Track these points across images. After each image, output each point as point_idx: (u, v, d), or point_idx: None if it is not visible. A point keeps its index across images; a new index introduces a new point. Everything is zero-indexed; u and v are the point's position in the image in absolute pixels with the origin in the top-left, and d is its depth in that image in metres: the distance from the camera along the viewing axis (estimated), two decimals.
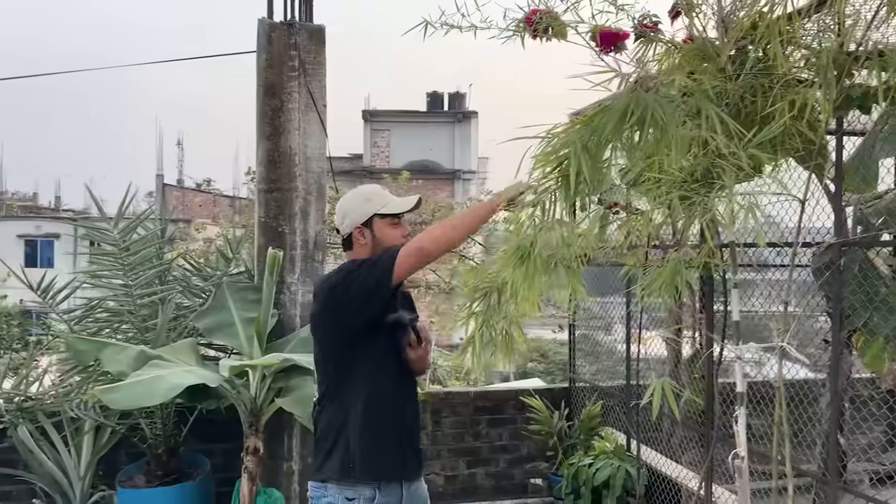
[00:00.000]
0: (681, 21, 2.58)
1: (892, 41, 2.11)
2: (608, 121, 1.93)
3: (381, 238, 2.19)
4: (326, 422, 2.17)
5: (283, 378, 3.45)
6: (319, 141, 3.90)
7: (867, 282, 2.60)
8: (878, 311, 2.53)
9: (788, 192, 2.47)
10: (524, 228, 2.06)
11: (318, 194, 3.90)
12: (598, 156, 1.97)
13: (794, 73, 2.49)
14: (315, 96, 3.86)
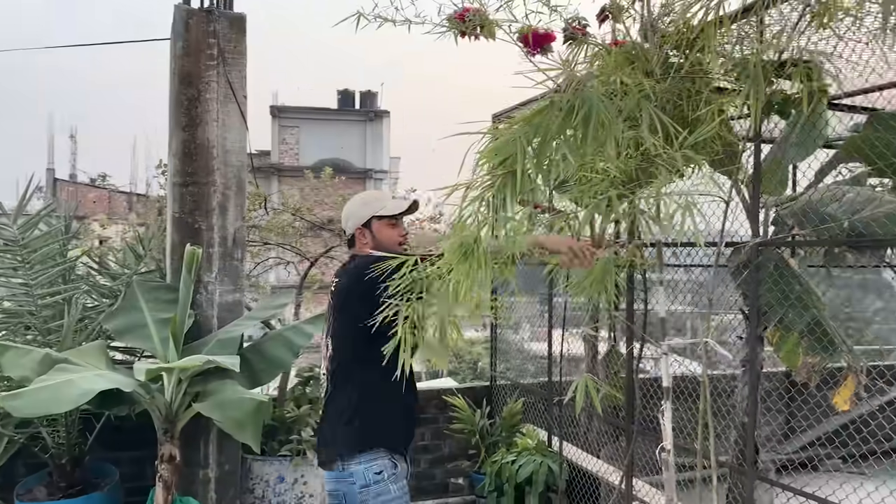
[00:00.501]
0: (608, 24, 2.64)
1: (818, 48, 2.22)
2: (553, 118, 1.93)
3: (380, 237, 2.44)
4: (345, 399, 2.32)
5: (201, 381, 3.30)
6: (239, 133, 3.75)
7: (783, 280, 2.73)
8: (794, 307, 2.66)
9: (716, 195, 2.56)
10: (467, 224, 2.03)
11: (237, 189, 3.74)
12: (543, 153, 1.97)
13: (717, 80, 2.60)
14: (235, 87, 3.70)
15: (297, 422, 4.18)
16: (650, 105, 2.02)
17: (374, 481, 2.26)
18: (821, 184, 3.25)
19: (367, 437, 2.28)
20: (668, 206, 2.28)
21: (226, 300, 3.71)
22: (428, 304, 2.27)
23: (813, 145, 3.27)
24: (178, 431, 3.25)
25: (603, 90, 2.01)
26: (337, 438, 2.32)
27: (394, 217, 2.45)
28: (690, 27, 2.40)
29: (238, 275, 3.75)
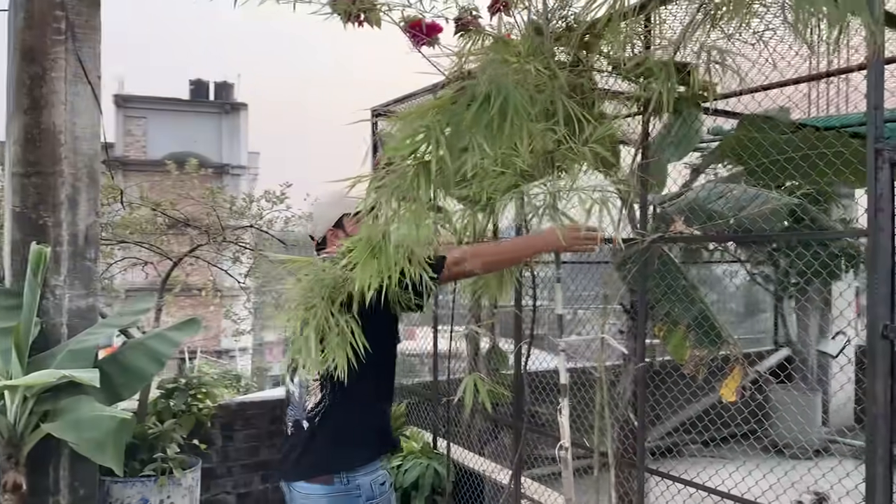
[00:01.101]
0: (499, 16, 2.58)
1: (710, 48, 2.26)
2: (466, 106, 1.82)
3: (353, 235, 2.29)
4: (342, 413, 2.22)
5: (51, 399, 2.90)
6: (91, 118, 3.34)
7: (670, 275, 2.79)
8: (681, 301, 2.72)
9: (613, 192, 2.57)
10: (374, 221, 1.88)
11: (89, 180, 3.33)
12: (456, 143, 1.85)
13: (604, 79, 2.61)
14: (87, 66, 3.29)
15: (160, 438, 3.82)
16: (564, 98, 1.97)
17: (380, 493, 2.23)
18: (697, 182, 3.38)
19: (370, 448, 2.25)
20: (570, 202, 2.26)
21: (77, 306, 3.29)
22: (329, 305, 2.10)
23: (689, 146, 3.40)
24: (23, 456, 2.84)
25: (513, 79, 1.93)
26: (338, 451, 2.21)
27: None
28: (582, 24, 2.38)
29: (91, 277, 3.34)
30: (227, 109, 25.76)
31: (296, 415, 2.33)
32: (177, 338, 3.25)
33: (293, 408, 2.36)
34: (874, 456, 2.04)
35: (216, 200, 4.82)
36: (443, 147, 1.77)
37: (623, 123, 3.10)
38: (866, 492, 2.06)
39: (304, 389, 2.36)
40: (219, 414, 4.37)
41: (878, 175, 2.03)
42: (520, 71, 1.94)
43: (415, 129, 1.79)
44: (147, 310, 3.37)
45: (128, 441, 3.01)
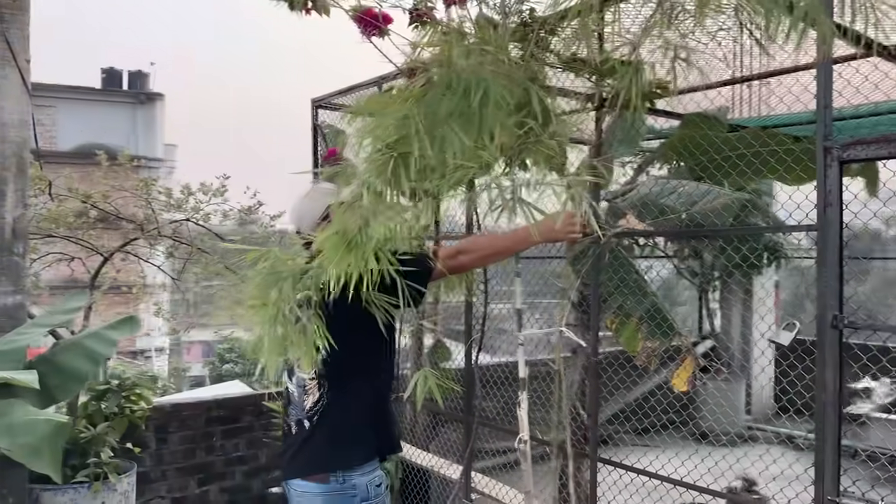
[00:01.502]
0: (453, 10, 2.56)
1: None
2: (444, 97, 1.80)
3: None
4: (338, 412, 2.19)
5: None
6: (20, 104, 3.14)
7: (623, 269, 2.85)
8: (634, 294, 2.79)
9: (573, 186, 2.60)
10: (347, 213, 1.83)
11: (17, 170, 3.13)
12: (432, 135, 1.82)
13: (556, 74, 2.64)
14: (15, 48, 3.09)
15: (93, 442, 3.63)
16: (537, 90, 1.97)
17: (375, 494, 2.19)
18: (640, 179, 3.47)
19: (368, 447, 2.22)
20: (539, 195, 2.27)
21: (3, 304, 3.09)
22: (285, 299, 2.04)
23: (634, 143, 3.49)
24: None
25: (489, 70, 1.92)
26: (335, 450, 2.18)
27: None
28: (537, 19, 2.40)
29: (19, 273, 3.15)
30: (143, 100, 24.77)
31: (297, 414, 2.30)
32: (114, 337, 3.10)
33: (294, 407, 2.32)
34: (823, 443, 2.14)
35: (150, 193, 4.61)
36: (423, 138, 1.74)
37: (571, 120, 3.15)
38: (815, 476, 2.16)
39: (302, 389, 2.31)
40: (152, 416, 4.19)
41: (828, 172, 2.13)
42: (495, 62, 1.93)
43: (394, 119, 1.76)
44: (80, 308, 3.19)
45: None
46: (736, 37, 2.51)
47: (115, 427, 3.82)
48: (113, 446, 3.68)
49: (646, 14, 2.95)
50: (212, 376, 23.63)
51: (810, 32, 1.98)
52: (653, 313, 2.71)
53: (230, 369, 22.87)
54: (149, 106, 24.80)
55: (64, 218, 4.38)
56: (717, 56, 2.60)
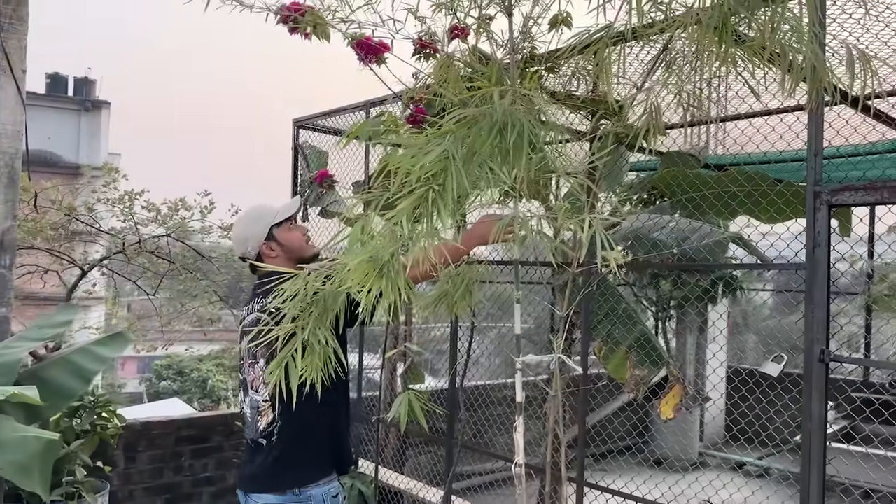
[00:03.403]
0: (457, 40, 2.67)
1: None
2: (480, 135, 1.88)
3: (288, 243, 2.37)
4: (294, 428, 2.24)
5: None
6: (14, 114, 3.09)
7: (614, 298, 2.98)
8: (624, 324, 2.91)
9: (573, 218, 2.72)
10: (378, 240, 1.89)
11: (8, 181, 3.08)
12: (468, 168, 1.91)
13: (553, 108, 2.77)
14: (11, 58, 3.05)
15: (66, 460, 3.54)
16: (564, 127, 2.09)
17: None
18: (626, 210, 3.63)
19: (322, 469, 2.28)
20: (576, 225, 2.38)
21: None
22: (318, 320, 2.09)
23: (618, 178, 3.64)
24: None
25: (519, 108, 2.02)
26: (289, 472, 2.24)
27: (290, 219, 2.39)
28: (542, 56, 2.54)
29: (5, 286, 3.08)
30: (88, 107, 24.14)
31: (250, 434, 2.35)
32: (103, 353, 3.05)
33: (247, 426, 2.37)
34: (808, 473, 2.28)
35: (132, 207, 4.54)
36: (461, 173, 1.82)
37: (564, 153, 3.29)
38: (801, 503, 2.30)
39: (255, 410, 2.36)
40: (122, 434, 4.10)
41: (817, 215, 2.30)
42: (522, 99, 2.03)
43: (436, 154, 1.84)
44: (69, 322, 3.13)
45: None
46: (724, 79, 2.69)
47: (87, 445, 3.73)
48: (88, 464, 3.60)
49: (643, 57, 3.13)
50: (149, 393, 22.93)
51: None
52: (642, 342, 2.83)
53: (167, 386, 22.23)
54: (94, 113, 24.18)
55: (44, 230, 4.27)
56: (707, 96, 2.77)
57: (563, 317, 3.37)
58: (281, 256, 2.35)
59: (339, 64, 3.82)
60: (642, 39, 2.59)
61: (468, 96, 2.16)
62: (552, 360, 2.85)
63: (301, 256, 2.39)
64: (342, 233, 2.05)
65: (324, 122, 4.78)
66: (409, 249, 1.87)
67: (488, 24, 2.55)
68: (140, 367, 28.13)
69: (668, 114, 3.02)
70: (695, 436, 6.56)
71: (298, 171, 4.92)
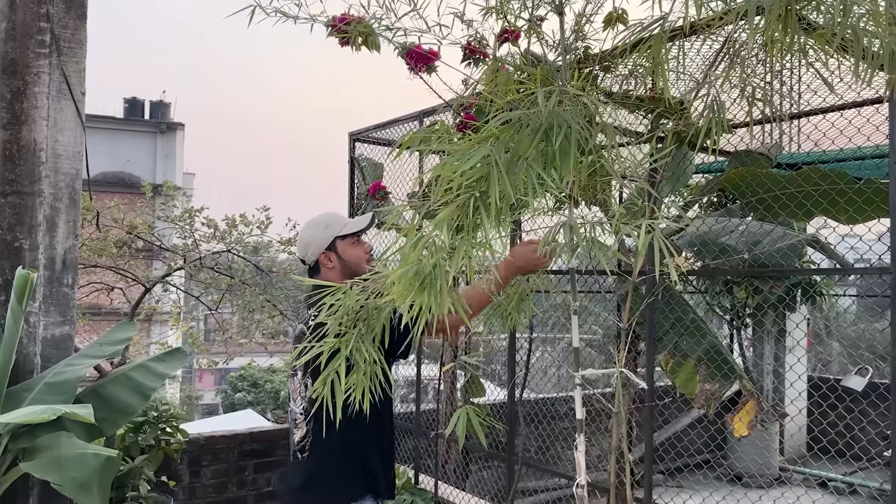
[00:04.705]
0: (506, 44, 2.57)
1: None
2: (524, 138, 1.79)
3: (347, 258, 2.34)
4: (327, 447, 2.19)
5: (27, 435, 2.68)
6: (74, 136, 3.17)
7: (680, 308, 2.81)
8: (692, 335, 2.74)
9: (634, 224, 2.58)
10: (419, 252, 1.82)
11: (70, 201, 3.15)
12: (512, 173, 1.81)
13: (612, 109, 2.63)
14: (71, 81, 3.13)
15: (130, 475, 3.59)
16: (612, 128, 1.97)
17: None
18: (691, 213, 3.44)
19: (348, 494, 2.23)
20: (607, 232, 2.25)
21: (52, 334, 3.08)
22: (361, 335, 2.03)
23: (682, 181, 3.46)
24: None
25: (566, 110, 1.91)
26: (320, 481, 2.23)
27: (356, 234, 2.37)
28: (595, 56, 2.41)
29: (68, 304, 3.14)
30: (163, 129, 25.14)
31: (291, 445, 2.37)
32: (162, 370, 3.07)
33: (290, 436, 2.38)
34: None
35: (193, 224, 4.63)
36: (504, 179, 1.73)
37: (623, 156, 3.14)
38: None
39: (293, 422, 2.35)
40: (186, 448, 4.15)
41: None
42: (572, 101, 1.92)
43: (476, 159, 1.75)
44: (129, 339, 3.18)
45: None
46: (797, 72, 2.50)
47: (151, 460, 3.78)
48: (151, 479, 3.64)
49: (705, 52, 2.95)
50: (224, 405, 23.54)
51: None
52: (712, 354, 2.65)
53: (242, 398, 22.76)
54: (169, 135, 25.15)
55: (108, 249, 4.40)
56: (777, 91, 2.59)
57: (626, 328, 3.22)
58: (337, 269, 2.32)
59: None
60: (702, 32, 2.45)
61: (515, 99, 2.07)
62: (614, 374, 2.71)
63: (356, 273, 2.29)
64: (393, 245, 1.98)
65: (379, 134, 4.76)
66: (452, 260, 1.78)
67: (539, 26, 2.45)
68: (216, 379, 28.97)
69: (734, 111, 2.85)
70: (775, 450, 6.21)
71: (355, 183, 4.91)
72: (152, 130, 24.98)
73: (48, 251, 3.07)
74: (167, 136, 25.09)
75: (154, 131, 25.01)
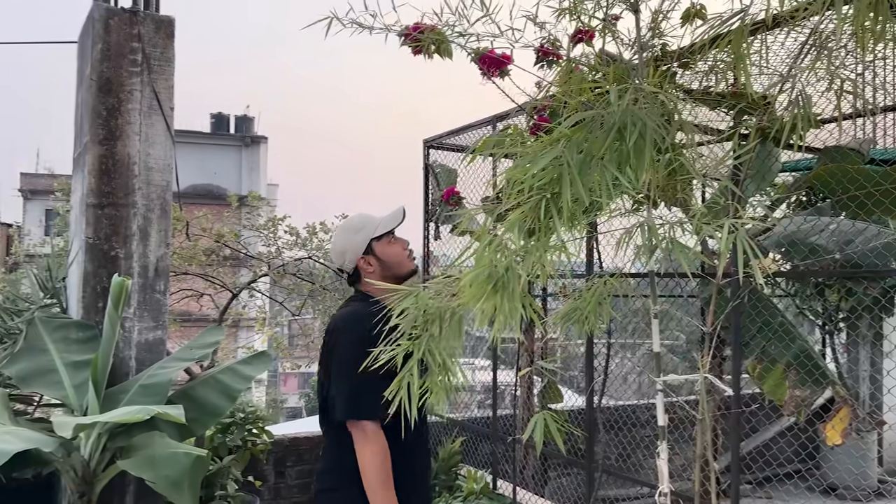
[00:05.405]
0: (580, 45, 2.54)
1: None
2: (597, 138, 1.77)
3: (386, 258, 2.23)
4: (335, 455, 2.14)
5: (124, 435, 2.82)
6: (164, 149, 3.33)
7: (768, 311, 2.70)
8: (780, 339, 2.63)
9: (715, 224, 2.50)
10: (492, 255, 1.82)
11: (161, 212, 3.31)
12: (584, 174, 1.79)
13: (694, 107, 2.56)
14: (161, 97, 3.29)
15: (218, 475, 3.73)
16: (692, 126, 1.92)
17: None
18: (778, 213, 3.31)
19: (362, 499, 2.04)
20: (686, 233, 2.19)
21: (146, 339, 3.24)
22: (436, 340, 2.04)
23: (768, 179, 3.33)
24: (96, 495, 2.76)
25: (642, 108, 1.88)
26: (327, 491, 2.15)
27: (391, 232, 2.25)
28: (672, 53, 2.34)
29: (160, 310, 3.30)
30: (248, 142, 26.04)
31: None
32: (248, 372, 3.18)
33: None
34: None
35: (276, 232, 4.78)
36: (577, 180, 1.71)
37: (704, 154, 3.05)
38: None
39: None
40: (272, 449, 4.27)
41: None
42: (648, 99, 1.88)
43: (547, 160, 1.73)
44: (217, 343, 3.31)
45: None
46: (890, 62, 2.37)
47: (238, 460, 3.92)
48: (238, 479, 3.77)
49: (789, 45, 2.84)
50: (307, 408, 24.10)
51: None
52: (802, 359, 2.54)
53: None
54: (253, 148, 26.04)
55: (197, 257, 4.60)
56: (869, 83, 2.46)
57: (710, 332, 3.12)
58: (378, 272, 2.21)
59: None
60: (785, 24, 2.36)
61: (589, 99, 2.04)
62: (698, 381, 2.63)
63: (399, 273, 2.24)
64: (468, 250, 1.99)
65: (452, 140, 4.79)
66: (525, 263, 1.78)
67: (614, 25, 2.42)
68: (300, 383, 29.71)
69: (822, 105, 2.72)
70: (873, 460, 5.87)
71: (429, 189, 4.95)
72: (237, 144, 25.93)
73: (142, 259, 3.23)
74: (251, 150, 25.98)
75: (239, 145, 25.96)
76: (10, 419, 2.56)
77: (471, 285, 1.86)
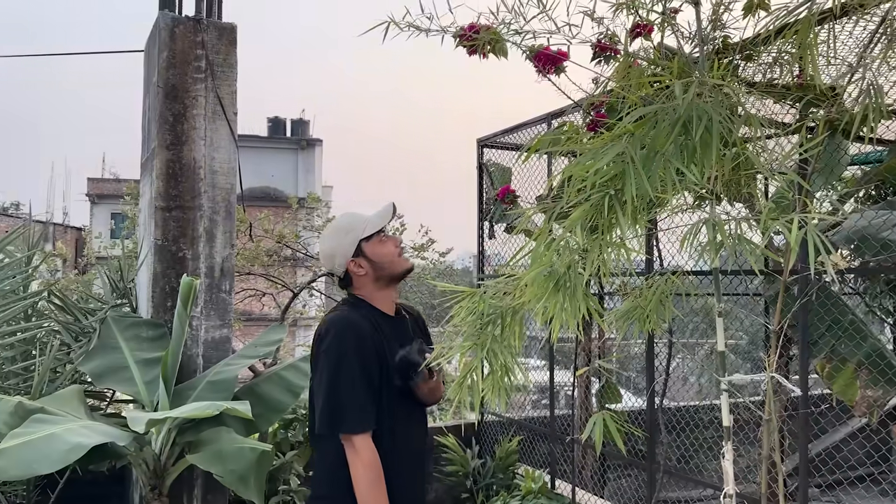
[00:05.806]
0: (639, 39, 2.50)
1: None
2: (661, 133, 1.74)
3: (378, 259, 2.15)
4: (320, 457, 2.16)
5: (192, 429, 2.91)
6: (228, 153, 3.42)
7: (837, 309, 2.62)
8: (851, 338, 2.54)
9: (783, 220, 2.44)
10: (551, 254, 1.82)
11: (226, 214, 3.40)
12: (648, 169, 1.78)
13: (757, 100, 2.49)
14: (224, 102, 3.38)
15: (281, 469, 3.81)
16: (760, 119, 1.88)
17: None
18: (847, 207, 3.21)
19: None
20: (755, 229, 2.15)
21: (212, 337, 3.34)
22: (495, 339, 2.04)
23: (836, 173, 3.23)
24: (167, 488, 2.85)
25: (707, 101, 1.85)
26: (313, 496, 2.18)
27: (381, 230, 2.16)
28: (735, 45, 2.29)
29: (226, 309, 3.39)
30: (303, 145, 26.49)
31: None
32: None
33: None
34: None
35: None
36: (641, 175, 1.69)
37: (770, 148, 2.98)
38: None
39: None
40: None
41: None
42: (712, 92, 1.85)
43: (610, 156, 1.72)
44: (280, 340, 3.39)
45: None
46: None
47: (300, 455, 3.99)
48: (299, 474, 3.84)
49: (858, 34, 2.74)
50: None
51: None
52: (875, 358, 2.45)
53: None
54: (308, 151, 26.48)
55: (260, 258, 4.71)
56: None
57: (776, 331, 3.04)
58: (370, 274, 2.13)
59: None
60: (854, 13, 2.28)
61: (649, 94, 2.02)
62: (764, 380, 2.57)
63: (393, 272, 2.16)
64: (524, 248, 1.98)
65: (506, 138, 4.78)
66: (586, 261, 1.77)
67: (674, 18, 2.38)
68: None
69: (894, 95, 2.63)
70: None
71: (484, 189, 4.96)
72: (293, 147, 26.41)
73: (208, 260, 3.33)
74: (307, 152, 26.42)
75: (295, 148, 26.44)
76: (86, 414, 2.68)
77: (532, 284, 1.87)
